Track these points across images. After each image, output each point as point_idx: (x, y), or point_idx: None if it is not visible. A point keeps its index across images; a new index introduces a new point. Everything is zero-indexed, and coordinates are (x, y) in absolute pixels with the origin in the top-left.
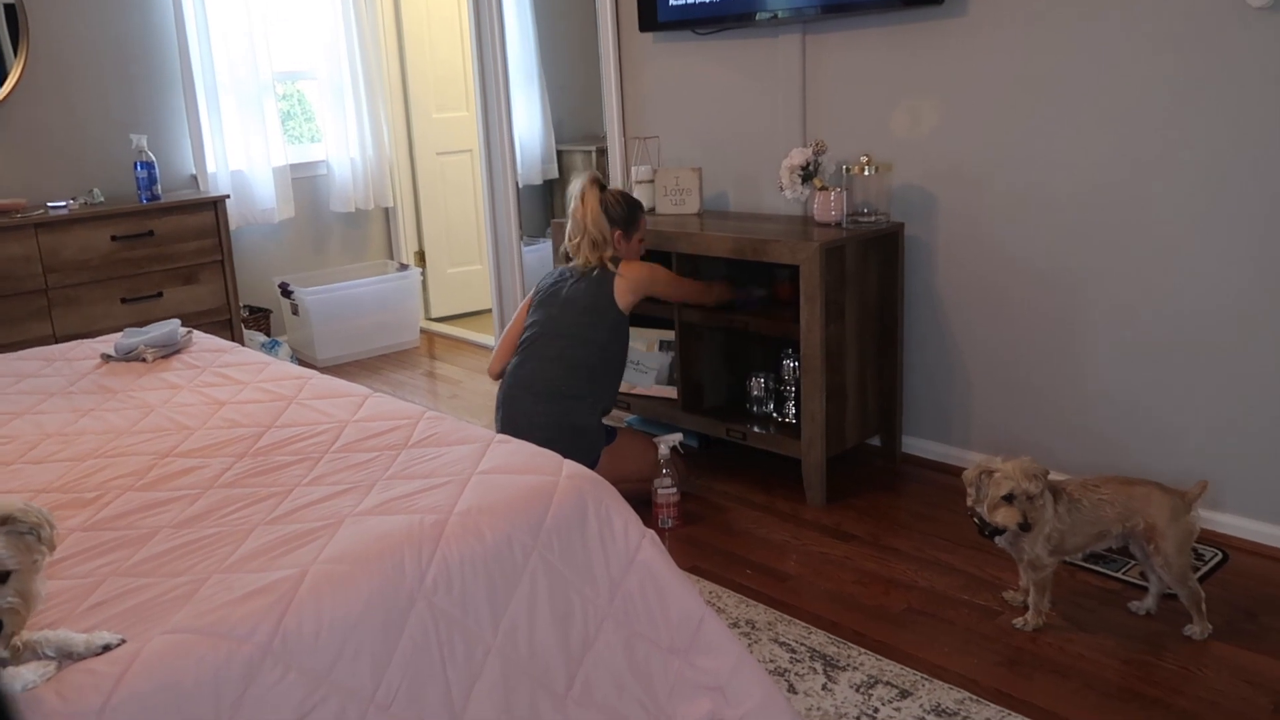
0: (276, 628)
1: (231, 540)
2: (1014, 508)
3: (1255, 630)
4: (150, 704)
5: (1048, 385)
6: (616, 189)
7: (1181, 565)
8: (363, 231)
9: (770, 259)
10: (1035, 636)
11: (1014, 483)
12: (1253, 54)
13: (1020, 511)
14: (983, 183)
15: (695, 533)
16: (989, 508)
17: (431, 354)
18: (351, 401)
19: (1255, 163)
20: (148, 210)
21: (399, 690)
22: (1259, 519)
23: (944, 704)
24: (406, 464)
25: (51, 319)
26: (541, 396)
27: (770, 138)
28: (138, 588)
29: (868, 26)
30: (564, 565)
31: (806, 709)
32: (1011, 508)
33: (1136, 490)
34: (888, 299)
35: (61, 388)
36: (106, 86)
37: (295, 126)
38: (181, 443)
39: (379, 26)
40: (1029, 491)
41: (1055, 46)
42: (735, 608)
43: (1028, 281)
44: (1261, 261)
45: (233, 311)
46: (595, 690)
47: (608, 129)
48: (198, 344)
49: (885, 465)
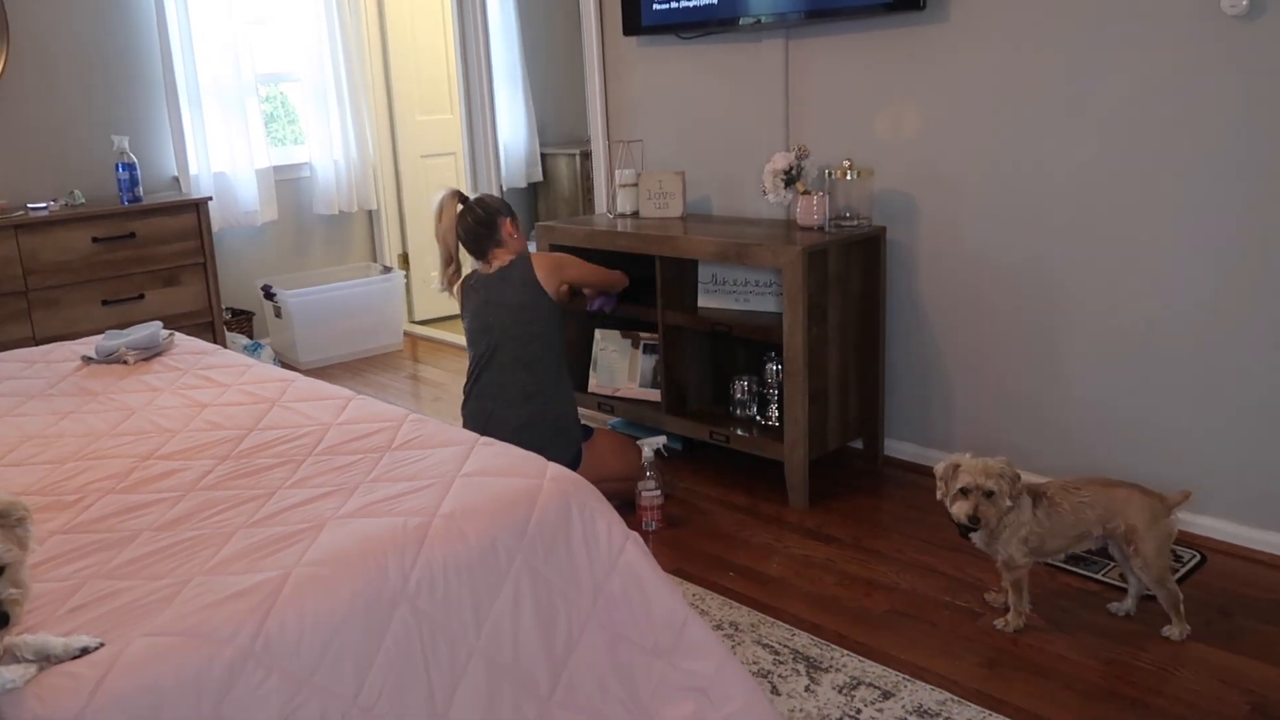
0: (259, 630)
1: (213, 543)
2: (968, 501)
3: (1232, 630)
4: (131, 707)
5: (1028, 388)
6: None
7: (1160, 567)
8: (346, 234)
9: (753, 263)
10: (1016, 638)
11: (971, 477)
12: (1227, 60)
13: (973, 505)
14: (963, 187)
15: (678, 535)
16: (950, 500)
17: (415, 357)
18: (335, 404)
19: (1232, 168)
20: (129, 212)
21: (381, 693)
22: (1237, 521)
23: (926, 705)
24: (390, 467)
25: (31, 321)
26: (515, 402)
27: (753, 142)
28: (119, 590)
29: (850, 32)
30: (548, 568)
31: (789, 710)
32: (966, 500)
33: (1117, 493)
34: (870, 302)
35: (41, 390)
36: (88, 87)
37: (278, 129)
38: (163, 445)
39: (363, 29)
40: (985, 488)
41: (1035, 53)
42: (718, 610)
43: (1008, 285)
44: (1238, 266)
45: (215, 314)
46: (579, 692)
47: (591, 132)
48: (179, 346)
49: (867, 468)
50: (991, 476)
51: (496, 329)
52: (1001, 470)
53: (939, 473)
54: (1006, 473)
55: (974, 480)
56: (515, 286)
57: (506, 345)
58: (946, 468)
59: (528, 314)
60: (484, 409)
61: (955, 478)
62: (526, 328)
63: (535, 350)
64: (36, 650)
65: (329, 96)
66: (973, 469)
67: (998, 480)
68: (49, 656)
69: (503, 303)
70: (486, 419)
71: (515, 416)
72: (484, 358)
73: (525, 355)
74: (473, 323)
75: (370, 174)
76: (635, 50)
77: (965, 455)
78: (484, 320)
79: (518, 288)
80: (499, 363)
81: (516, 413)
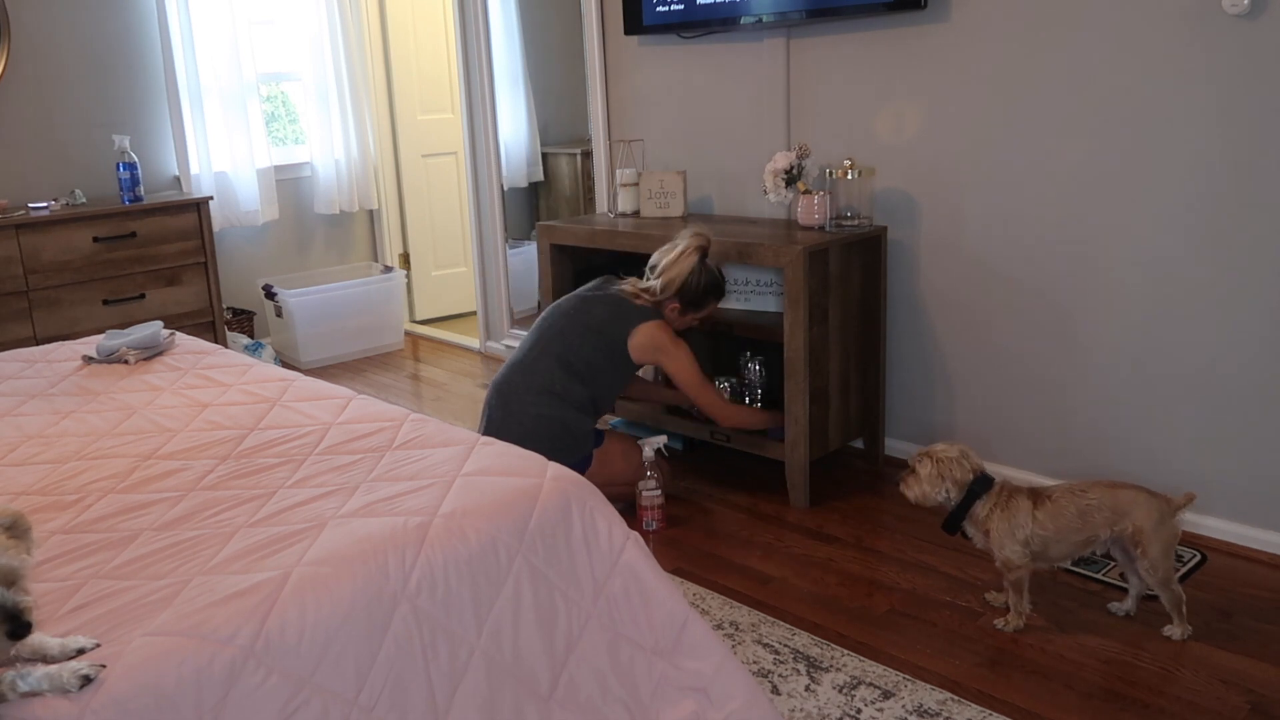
0: (259, 630)
1: (214, 542)
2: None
3: (1233, 630)
4: (131, 707)
5: (1030, 388)
6: (717, 265)
7: (1166, 568)
8: (347, 234)
9: (754, 262)
10: (1016, 637)
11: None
12: (1230, 58)
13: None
14: (965, 187)
15: (679, 535)
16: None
17: (416, 357)
18: (335, 404)
19: (1236, 167)
20: (130, 211)
21: (382, 693)
22: (1237, 521)
23: (926, 704)
24: (391, 466)
25: (32, 320)
26: (537, 392)
27: (754, 141)
28: (119, 590)
29: (851, 31)
30: (548, 567)
31: (790, 710)
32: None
33: (1123, 494)
34: (871, 302)
35: (42, 389)
36: (89, 87)
37: (279, 128)
38: (164, 445)
39: (364, 28)
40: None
41: (1037, 52)
42: (719, 609)
43: (1010, 285)
44: (1239, 266)
45: (216, 313)
46: (579, 692)
47: (593, 132)
48: (180, 346)
49: (868, 467)
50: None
51: (562, 324)
52: (948, 454)
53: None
54: (951, 455)
55: (915, 458)
56: (613, 315)
57: (562, 342)
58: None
59: (594, 338)
60: (510, 382)
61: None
62: (586, 348)
63: (577, 366)
64: (34, 651)
65: (330, 96)
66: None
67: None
68: (45, 657)
69: (588, 313)
70: (509, 393)
71: (535, 403)
72: (535, 340)
73: (573, 360)
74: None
75: (371, 173)
76: (636, 50)
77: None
78: (561, 307)
79: (614, 319)
80: (542, 352)
81: (533, 403)
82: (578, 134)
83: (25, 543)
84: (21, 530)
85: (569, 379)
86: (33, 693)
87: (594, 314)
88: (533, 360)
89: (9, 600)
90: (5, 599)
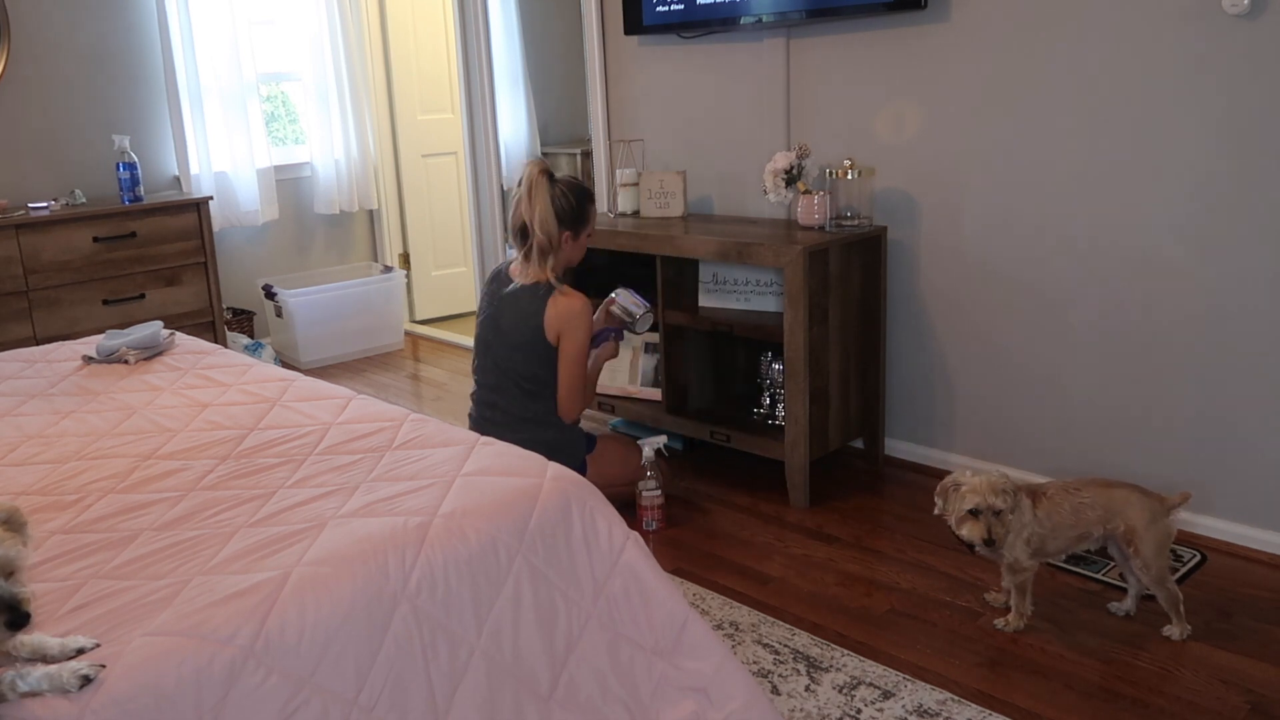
0: (259, 630)
1: (214, 542)
2: (979, 522)
3: (1232, 630)
4: (131, 707)
5: (1029, 388)
6: (566, 178)
7: (1160, 567)
8: (347, 234)
9: (754, 262)
10: (1016, 637)
11: (980, 498)
12: (1230, 58)
13: (985, 526)
14: (965, 187)
15: (679, 535)
16: (956, 521)
17: (416, 356)
18: (335, 404)
19: (1236, 166)
20: (130, 211)
21: (382, 693)
22: (1237, 521)
23: (926, 704)
24: (391, 466)
25: (32, 320)
26: (513, 424)
27: (754, 141)
28: (119, 590)
29: (851, 31)
30: (548, 567)
31: (789, 710)
32: (977, 522)
33: (1116, 493)
34: (871, 302)
35: (42, 389)
36: (89, 86)
37: (279, 128)
38: (164, 445)
39: (364, 28)
40: (995, 506)
41: (1037, 52)
42: (719, 609)
43: (1009, 285)
44: (1240, 266)
45: (215, 313)
46: (579, 692)
47: (592, 132)
48: (180, 346)
49: (868, 467)
50: (998, 494)
51: (495, 355)
52: (1004, 486)
53: (938, 490)
54: (1008, 487)
55: (984, 501)
56: (521, 321)
57: (508, 372)
58: (946, 486)
59: (521, 354)
60: (485, 419)
61: (960, 498)
62: (524, 366)
63: (531, 388)
64: (33, 650)
65: (330, 96)
66: (979, 488)
67: (1004, 497)
68: (45, 657)
69: (503, 333)
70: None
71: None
72: (485, 371)
73: (525, 383)
74: (479, 330)
75: (371, 173)
76: (636, 50)
77: (965, 472)
78: (485, 338)
79: (524, 323)
80: (497, 385)
81: (515, 436)
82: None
83: (21, 536)
84: (17, 524)
85: (530, 400)
86: (32, 693)
87: (506, 327)
88: (497, 393)
89: (7, 591)
90: (4, 589)
